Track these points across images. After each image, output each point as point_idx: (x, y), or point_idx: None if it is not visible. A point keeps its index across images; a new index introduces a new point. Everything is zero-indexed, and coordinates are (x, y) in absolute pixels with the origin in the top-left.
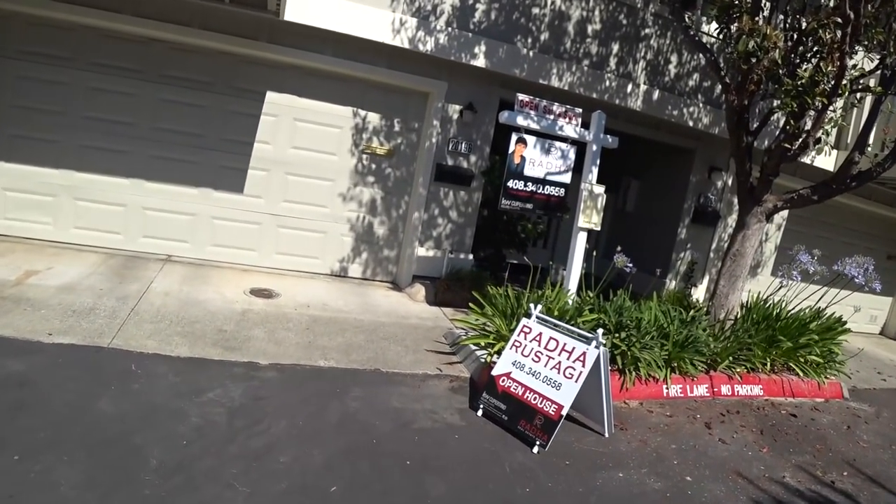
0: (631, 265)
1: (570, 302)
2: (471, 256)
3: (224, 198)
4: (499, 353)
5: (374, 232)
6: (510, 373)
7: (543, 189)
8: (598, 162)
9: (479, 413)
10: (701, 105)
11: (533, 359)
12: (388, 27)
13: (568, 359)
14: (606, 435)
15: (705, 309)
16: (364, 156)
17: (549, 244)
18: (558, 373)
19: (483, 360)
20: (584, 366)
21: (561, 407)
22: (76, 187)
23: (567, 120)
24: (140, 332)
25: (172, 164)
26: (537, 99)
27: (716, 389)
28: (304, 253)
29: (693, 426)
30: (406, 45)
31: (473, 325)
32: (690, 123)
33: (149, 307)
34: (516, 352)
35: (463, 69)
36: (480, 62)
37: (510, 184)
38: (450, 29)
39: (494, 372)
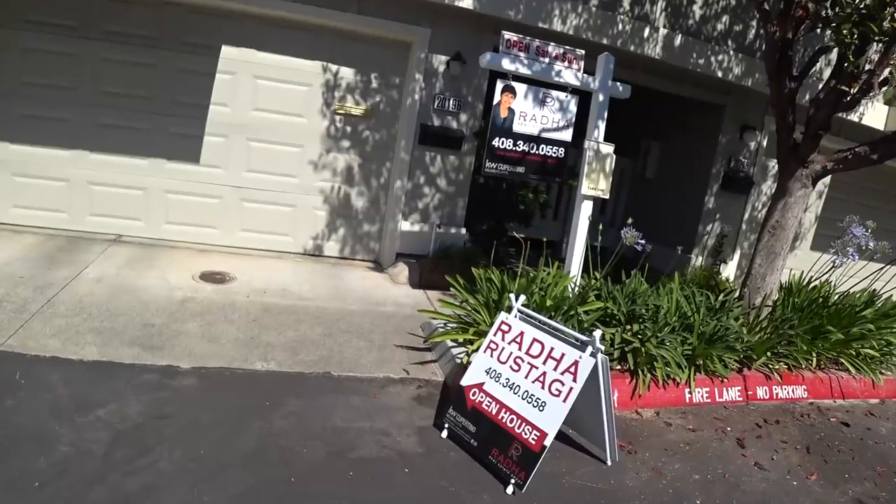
0: (643, 242)
1: (572, 286)
2: (463, 231)
3: (179, 169)
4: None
5: (351, 204)
6: (483, 384)
7: (538, 148)
8: (605, 115)
9: (444, 434)
10: (731, 53)
11: (512, 367)
12: None
13: (555, 369)
14: (609, 463)
15: (737, 292)
16: (337, 117)
17: (561, 215)
18: (542, 388)
19: (459, 361)
20: (575, 380)
21: (543, 435)
22: (11, 161)
23: (566, 64)
24: (46, 330)
25: (119, 132)
26: (528, 38)
27: (750, 392)
28: (271, 230)
29: (722, 444)
30: None
31: (450, 318)
32: (719, 74)
33: (70, 297)
34: (492, 356)
35: (448, 12)
36: (467, 3)
37: (496, 143)
38: None
39: (464, 381)
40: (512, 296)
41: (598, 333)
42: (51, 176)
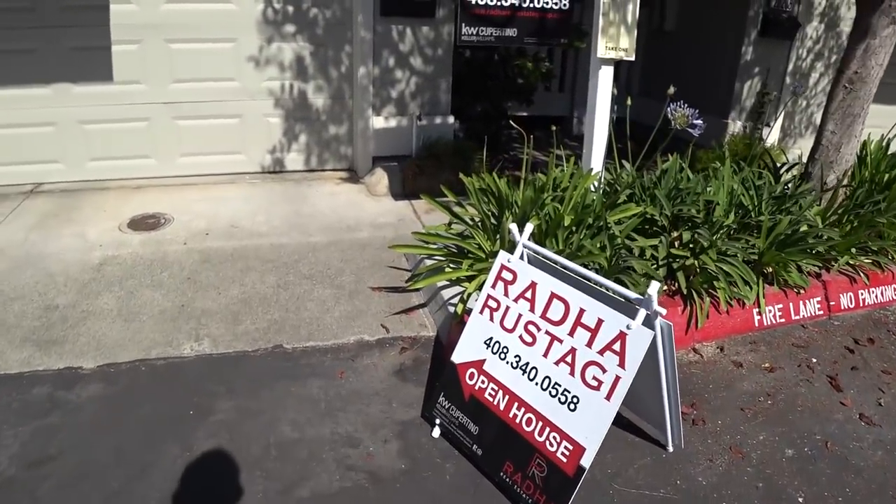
0: (699, 121)
1: (595, 186)
2: (451, 119)
3: (90, 92)
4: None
5: (309, 104)
6: (483, 362)
7: (532, 1)
8: None
9: (436, 432)
10: None
11: (523, 337)
12: None
13: (589, 344)
14: (670, 449)
15: (801, 169)
16: None
17: (567, 85)
18: (571, 373)
19: (453, 310)
20: (622, 363)
21: (579, 450)
22: None
23: None
24: None
25: (3, 57)
26: None
27: (832, 303)
28: (217, 149)
29: (811, 388)
30: None
31: (439, 241)
32: None
33: None
34: (492, 320)
35: None
36: None
37: None
38: None
39: (456, 357)
40: (513, 227)
41: (654, 289)
42: None
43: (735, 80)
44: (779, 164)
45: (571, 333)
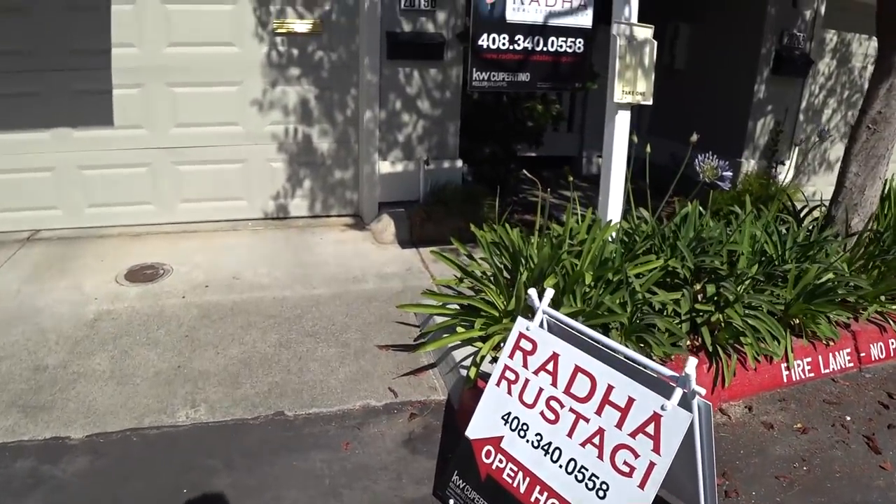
0: (729, 172)
1: (613, 238)
2: (459, 163)
3: (90, 136)
4: (496, 356)
5: (314, 148)
6: (500, 439)
7: (546, 44)
8: None
9: None
10: None
11: (545, 414)
12: None
13: (619, 425)
14: None
15: (822, 212)
16: (279, 39)
17: (576, 125)
18: (599, 456)
19: (466, 374)
20: (657, 448)
21: None
22: None
23: None
24: None
25: (4, 101)
26: None
27: (862, 354)
28: (220, 195)
29: (848, 450)
30: None
31: (447, 301)
32: None
33: None
34: (510, 393)
35: None
36: None
37: (483, 42)
38: None
39: (472, 433)
40: (532, 293)
41: (692, 366)
42: None
43: (748, 119)
44: (797, 205)
45: (599, 412)
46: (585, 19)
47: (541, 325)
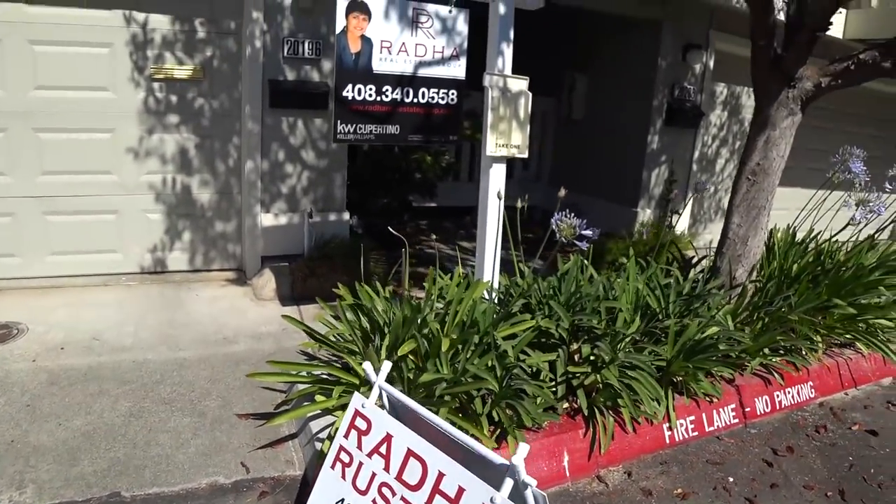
0: (589, 232)
1: (487, 297)
2: (346, 216)
3: None
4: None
5: (194, 199)
6: None
7: (416, 95)
8: (510, 36)
9: None
10: None
11: (376, 502)
12: None
13: None
14: None
15: (709, 263)
16: (157, 84)
17: (476, 174)
18: None
19: (321, 447)
20: None
21: None
22: None
23: None
24: None
25: None
26: None
27: (748, 409)
28: (92, 247)
29: None
30: None
31: (297, 374)
32: None
33: None
34: (343, 478)
35: None
36: None
37: (349, 93)
38: None
39: None
40: (367, 366)
41: (521, 454)
42: None
43: (643, 169)
44: (688, 255)
45: (429, 502)
46: (458, 70)
47: (379, 401)
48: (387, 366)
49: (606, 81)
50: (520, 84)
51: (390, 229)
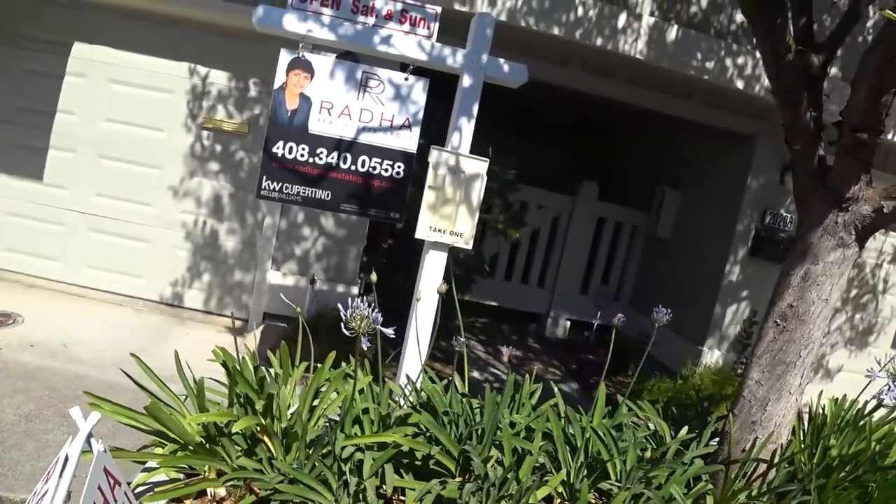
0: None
1: (397, 399)
2: (355, 290)
3: (20, 187)
4: None
5: (219, 244)
6: None
7: (353, 162)
8: (474, 111)
9: None
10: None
11: None
12: None
13: None
14: None
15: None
16: (205, 133)
17: (549, 279)
18: None
19: None
20: None
21: None
22: None
23: (407, 25)
24: None
25: None
26: None
27: None
28: (122, 269)
29: None
30: None
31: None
32: (740, 85)
33: None
34: None
35: None
36: None
37: (278, 150)
38: None
39: None
40: (75, 411)
41: None
42: None
43: (716, 303)
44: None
45: None
46: (408, 141)
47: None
48: (93, 416)
49: (694, 200)
50: (476, 166)
51: (381, 329)
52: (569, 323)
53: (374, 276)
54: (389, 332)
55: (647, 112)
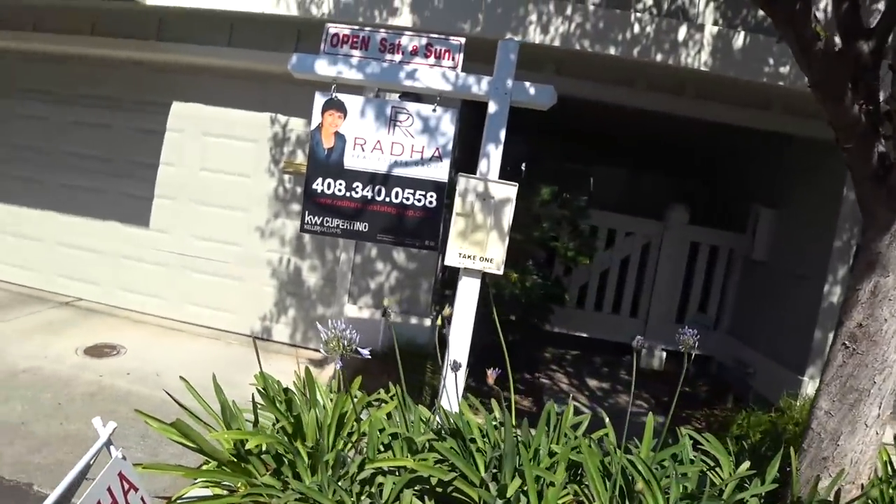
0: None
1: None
2: (428, 322)
3: (131, 233)
4: None
5: (302, 280)
6: None
7: (388, 195)
8: (501, 137)
9: None
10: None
11: None
12: None
13: None
14: None
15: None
16: (286, 176)
17: (642, 309)
18: None
19: None
20: None
21: None
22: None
23: (432, 59)
24: None
25: (83, 193)
26: (368, 29)
27: None
28: (217, 305)
29: None
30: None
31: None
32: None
33: None
34: None
35: None
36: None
37: (318, 186)
38: None
39: None
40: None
41: None
42: (27, 235)
43: (815, 328)
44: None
45: None
46: (439, 171)
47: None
48: (111, 425)
49: (789, 217)
50: (506, 191)
51: (360, 350)
52: (665, 354)
53: (447, 311)
54: (365, 352)
55: (726, 127)
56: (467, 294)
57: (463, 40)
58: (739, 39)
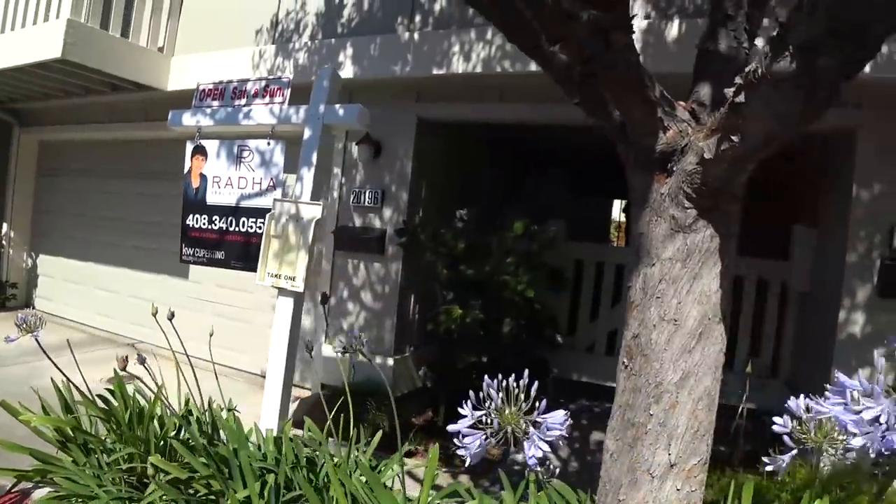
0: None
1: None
2: (391, 361)
3: (175, 284)
4: None
5: (300, 323)
6: None
7: (237, 224)
8: (313, 160)
9: None
10: None
11: None
12: (248, 63)
13: None
14: None
15: None
16: None
17: (618, 317)
18: None
19: None
20: None
21: None
22: (95, 276)
23: (268, 98)
24: None
25: (145, 253)
26: (229, 81)
27: None
28: (232, 346)
29: None
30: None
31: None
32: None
33: None
34: None
35: (359, 90)
36: (347, 71)
37: (190, 221)
38: (311, 42)
39: None
40: None
41: None
42: (107, 288)
43: (832, 363)
44: None
45: None
46: (270, 200)
47: None
48: None
49: (828, 240)
50: (311, 210)
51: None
52: None
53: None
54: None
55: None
56: (283, 313)
57: (291, 76)
58: (674, 29)
